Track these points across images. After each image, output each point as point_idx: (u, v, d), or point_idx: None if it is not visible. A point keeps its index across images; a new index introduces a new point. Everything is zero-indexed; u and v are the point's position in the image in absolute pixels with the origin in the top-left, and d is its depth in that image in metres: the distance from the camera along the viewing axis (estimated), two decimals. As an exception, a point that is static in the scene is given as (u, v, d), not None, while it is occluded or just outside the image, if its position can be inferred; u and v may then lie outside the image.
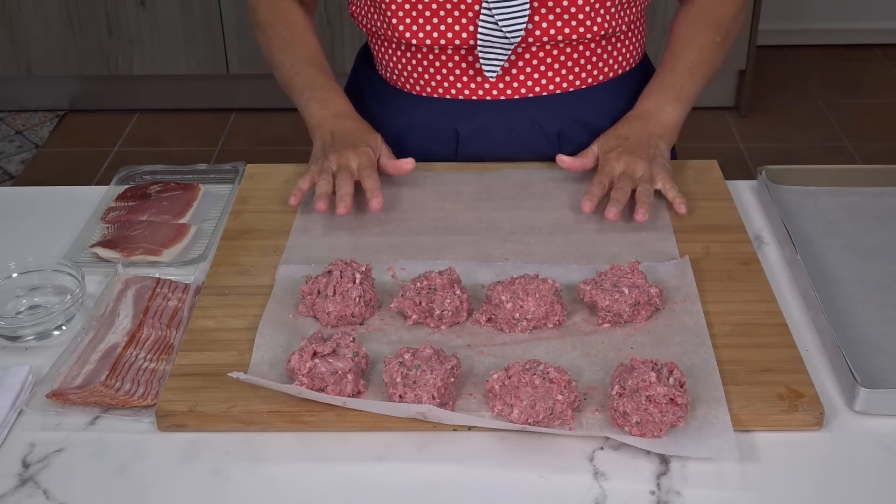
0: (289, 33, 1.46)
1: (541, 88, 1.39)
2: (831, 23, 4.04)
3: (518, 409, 0.96)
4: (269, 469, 0.96)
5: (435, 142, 1.44)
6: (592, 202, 1.25)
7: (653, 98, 1.38)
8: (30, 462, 0.97)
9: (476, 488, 0.93)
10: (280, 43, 1.45)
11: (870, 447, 0.98)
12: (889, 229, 1.28)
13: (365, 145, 1.31)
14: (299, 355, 1.01)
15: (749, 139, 3.45)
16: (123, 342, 1.10)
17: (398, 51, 1.41)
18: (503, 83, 1.38)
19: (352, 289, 1.10)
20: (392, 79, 1.46)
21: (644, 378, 0.94)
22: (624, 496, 0.92)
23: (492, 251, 1.23)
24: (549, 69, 1.38)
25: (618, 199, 1.24)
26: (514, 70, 1.38)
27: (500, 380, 0.97)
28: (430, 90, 1.41)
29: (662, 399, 0.94)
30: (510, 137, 1.42)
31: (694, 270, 1.17)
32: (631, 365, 0.98)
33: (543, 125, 1.41)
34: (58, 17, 3.41)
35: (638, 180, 1.28)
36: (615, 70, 1.43)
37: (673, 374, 0.97)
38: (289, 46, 1.45)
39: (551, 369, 0.97)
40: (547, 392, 0.95)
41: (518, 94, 1.39)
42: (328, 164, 1.29)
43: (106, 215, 1.34)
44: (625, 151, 1.30)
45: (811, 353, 1.09)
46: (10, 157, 3.41)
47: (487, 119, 1.41)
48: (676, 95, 1.37)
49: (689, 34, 1.43)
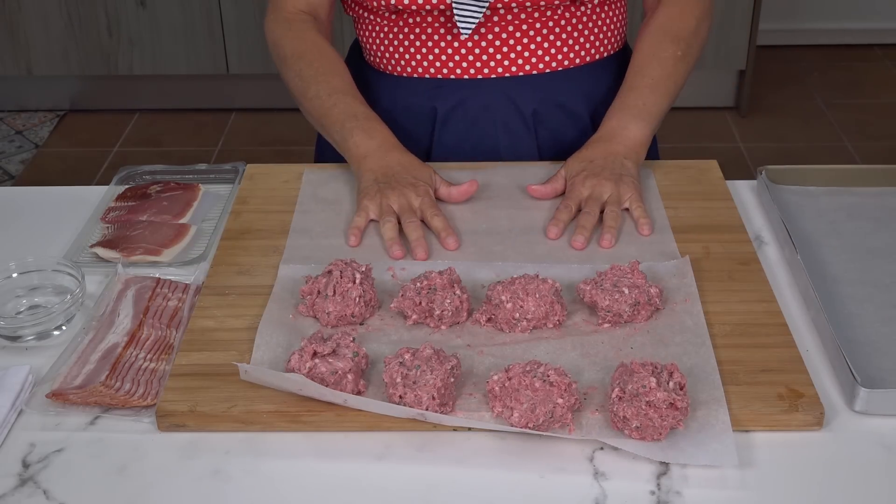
0: (320, 64, 1.41)
1: (517, 68, 1.41)
2: (831, 23, 4.04)
3: (518, 413, 0.95)
4: (268, 469, 0.96)
5: (413, 121, 1.47)
6: (559, 227, 1.25)
7: (615, 118, 1.37)
8: (30, 462, 0.97)
9: (476, 488, 0.93)
10: (312, 73, 1.40)
11: (870, 447, 0.98)
12: (889, 229, 1.28)
13: (423, 183, 1.29)
14: (299, 355, 1.01)
15: (749, 139, 3.45)
16: (123, 342, 1.10)
17: (382, 30, 1.44)
18: (480, 62, 1.41)
19: (352, 289, 1.10)
20: (375, 61, 1.49)
21: (644, 384, 0.94)
22: (624, 496, 0.92)
23: (492, 251, 1.23)
24: (525, 49, 1.40)
25: (584, 226, 1.24)
26: (491, 49, 1.40)
27: (500, 381, 0.97)
28: (410, 70, 1.44)
29: (662, 404, 0.94)
30: (486, 115, 1.44)
31: (694, 270, 1.17)
32: (631, 368, 0.97)
33: (519, 105, 1.44)
34: (58, 17, 3.41)
35: (606, 202, 1.27)
36: (592, 55, 1.45)
37: (673, 376, 0.97)
38: (322, 77, 1.40)
39: (551, 372, 0.97)
40: (547, 395, 0.95)
41: (495, 74, 1.42)
42: (388, 204, 1.26)
43: (106, 215, 1.34)
44: (590, 174, 1.30)
45: (811, 353, 1.09)
46: (10, 157, 3.41)
47: (464, 97, 1.43)
48: (639, 113, 1.36)
49: (649, 50, 1.42)
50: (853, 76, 3.87)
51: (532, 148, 1.47)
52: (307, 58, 1.42)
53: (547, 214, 1.30)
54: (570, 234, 1.26)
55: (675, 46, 1.41)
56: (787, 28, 4.02)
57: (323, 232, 1.27)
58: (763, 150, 3.38)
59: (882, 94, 3.76)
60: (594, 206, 1.26)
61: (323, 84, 1.39)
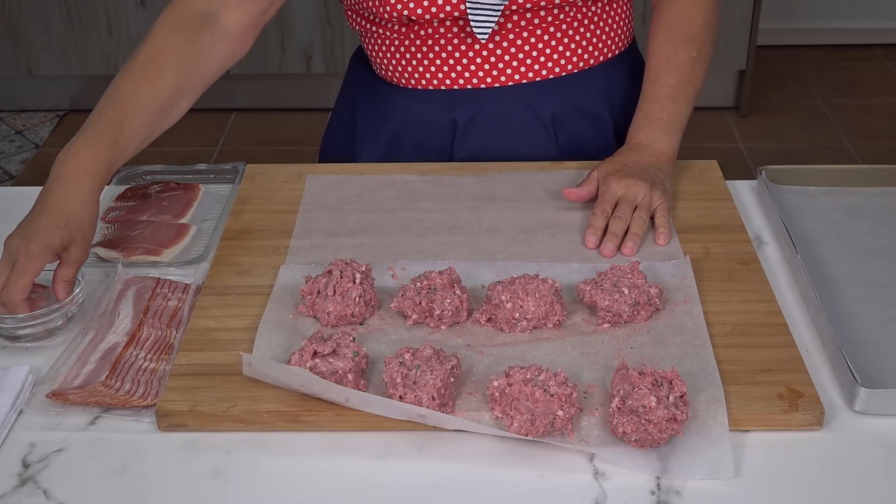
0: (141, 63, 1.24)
1: (534, 74, 1.40)
2: (831, 23, 4.04)
3: (518, 422, 0.95)
4: (268, 469, 0.96)
5: (432, 134, 1.45)
6: (597, 236, 1.24)
7: (642, 133, 1.36)
8: (30, 462, 0.97)
9: (476, 488, 0.93)
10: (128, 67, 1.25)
11: (870, 447, 0.98)
12: (889, 229, 1.28)
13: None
14: (299, 355, 1.01)
15: (749, 139, 3.45)
16: (123, 342, 1.10)
17: (393, 43, 1.41)
18: (497, 70, 1.39)
19: (352, 289, 1.10)
20: (387, 75, 1.46)
21: (644, 403, 0.93)
22: (624, 496, 0.92)
23: (492, 251, 1.23)
24: (540, 53, 1.39)
25: (615, 234, 1.23)
26: (507, 56, 1.39)
27: (500, 388, 0.96)
28: (426, 82, 1.42)
29: (662, 420, 0.94)
30: (506, 125, 1.43)
31: (694, 270, 1.17)
32: (631, 379, 0.96)
33: (538, 111, 1.43)
34: (58, 17, 3.41)
35: (639, 204, 1.26)
36: (605, 53, 1.44)
37: (673, 388, 0.96)
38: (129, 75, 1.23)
39: (552, 382, 0.96)
40: (547, 407, 0.94)
41: (512, 81, 1.40)
42: None
43: (106, 215, 1.34)
44: (626, 174, 1.28)
45: (811, 353, 1.09)
46: (10, 157, 3.41)
47: (482, 106, 1.42)
48: (666, 127, 1.35)
49: (664, 55, 1.39)
50: (853, 76, 3.87)
51: (553, 152, 1.45)
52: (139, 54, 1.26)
53: (548, 216, 1.30)
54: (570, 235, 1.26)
55: (690, 47, 1.39)
56: (787, 28, 4.02)
57: (324, 232, 1.27)
58: (763, 150, 3.38)
59: (882, 94, 3.76)
60: (627, 210, 1.25)
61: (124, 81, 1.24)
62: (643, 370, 0.97)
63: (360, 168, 1.42)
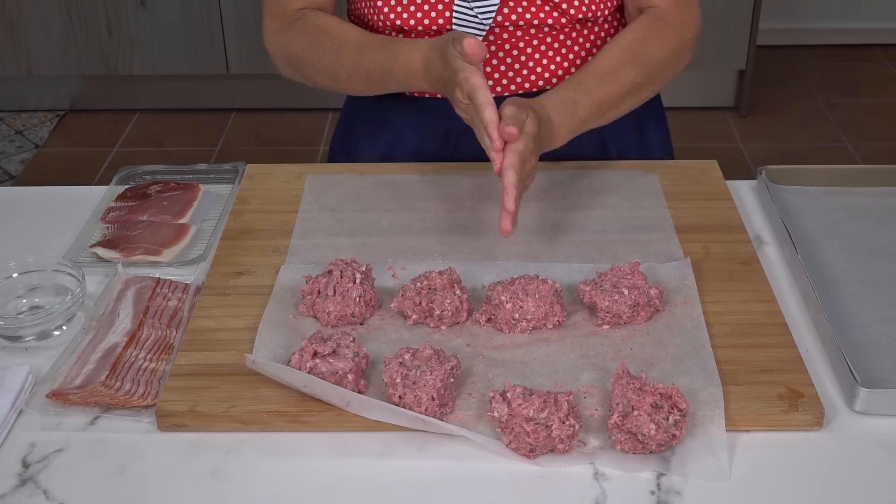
0: (329, 42, 1.35)
1: (530, 84, 1.40)
2: (831, 23, 4.04)
3: (517, 448, 0.95)
4: (268, 469, 0.96)
5: (429, 141, 1.45)
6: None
7: (564, 118, 1.26)
8: (30, 462, 0.97)
9: (476, 488, 0.93)
10: (331, 57, 1.35)
11: (870, 447, 0.98)
12: (889, 229, 1.28)
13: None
14: (299, 355, 1.01)
15: (749, 139, 3.45)
16: (123, 342, 1.10)
17: None
18: (492, 80, 1.39)
19: (352, 289, 1.10)
20: None
21: (644, 431, 0.93)
22: (624, 496, 0.92)
23: (492, 251, 1.23)
24: (537, 64, 1.39)
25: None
26: (503, 67, 1.38)
27: (501, 418, 0.94)
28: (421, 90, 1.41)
29: (662, 441, 0.94)
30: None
31: (694, 270, 1.17)
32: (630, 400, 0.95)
33: None
34: (58, 17, 3.41)
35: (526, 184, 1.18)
36: None
37: (673, 408, 0.95)
38: (339, 52, 1.34)
39: (555, 421, 0.93)
40: (547, 441, 0.94)
41: (508, 91, 1.40)
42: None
43: (106, 215, 1.34)
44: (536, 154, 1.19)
45: (811, 353, 1.09)
46: (10, 157, 3.41)
47: None
48: (578, 127, 1.29)
49: (616, 61, 1.32)
50: (853, 76, 3.87)
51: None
52: (317, 40, 1.36)
53: (548, 216, 1.30)
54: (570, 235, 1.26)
55: (639, 72, 1.33)
56: (787, 28, 4.02)
57: (324, 232, 1.27)
58: (763, 150, 3.38)
59: (882, 94, 3.76)
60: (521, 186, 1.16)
61: (346, 56, 1.33)
62: (643, 386, 0.96)
63: (360, 168, 1.42)
